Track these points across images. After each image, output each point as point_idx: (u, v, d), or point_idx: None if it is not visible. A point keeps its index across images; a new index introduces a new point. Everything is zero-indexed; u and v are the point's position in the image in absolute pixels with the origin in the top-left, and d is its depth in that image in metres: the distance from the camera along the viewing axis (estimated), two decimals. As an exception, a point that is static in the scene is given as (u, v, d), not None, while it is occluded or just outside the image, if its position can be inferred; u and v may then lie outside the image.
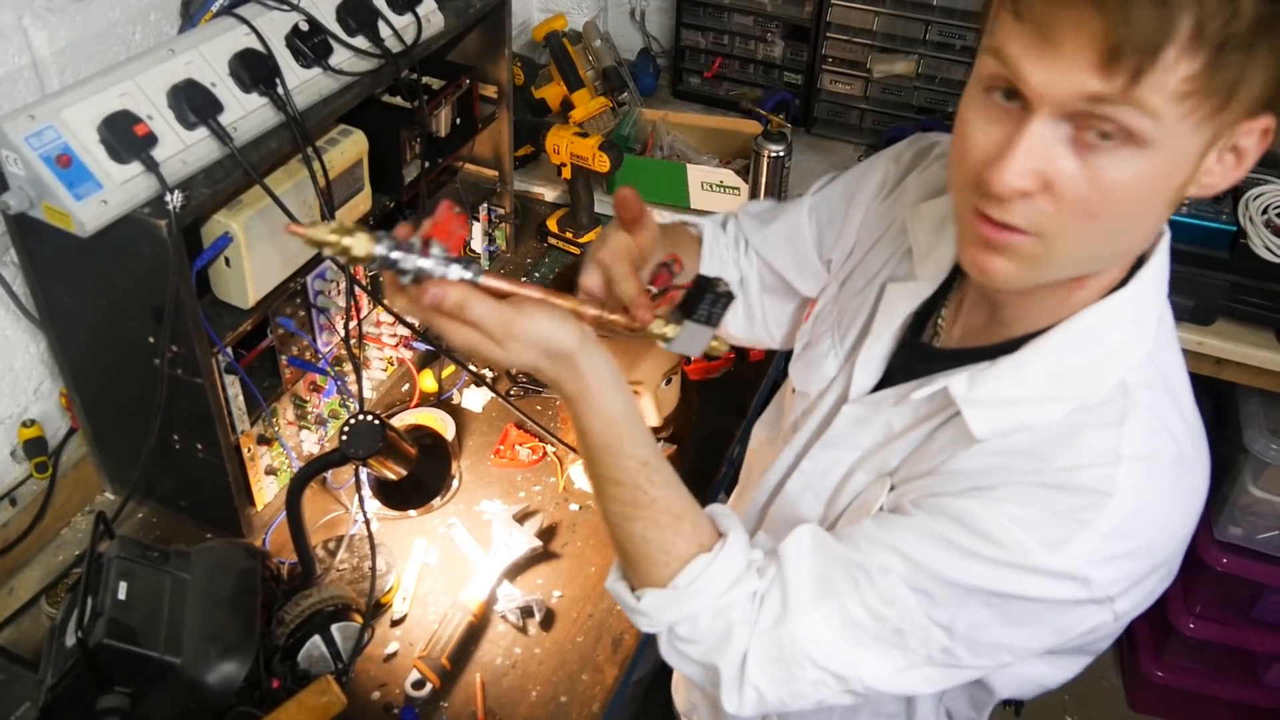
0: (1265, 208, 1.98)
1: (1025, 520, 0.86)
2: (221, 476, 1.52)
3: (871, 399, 1.07)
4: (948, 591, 0.89)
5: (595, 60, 2.45)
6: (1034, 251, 0.82)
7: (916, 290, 1.08)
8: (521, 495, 1.70)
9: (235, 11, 1.41)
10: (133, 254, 1.29)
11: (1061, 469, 0.87)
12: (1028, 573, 0.86)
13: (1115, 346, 0.90)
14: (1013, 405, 0.92)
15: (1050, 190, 0.78)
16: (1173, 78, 0.71)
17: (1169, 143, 0.75)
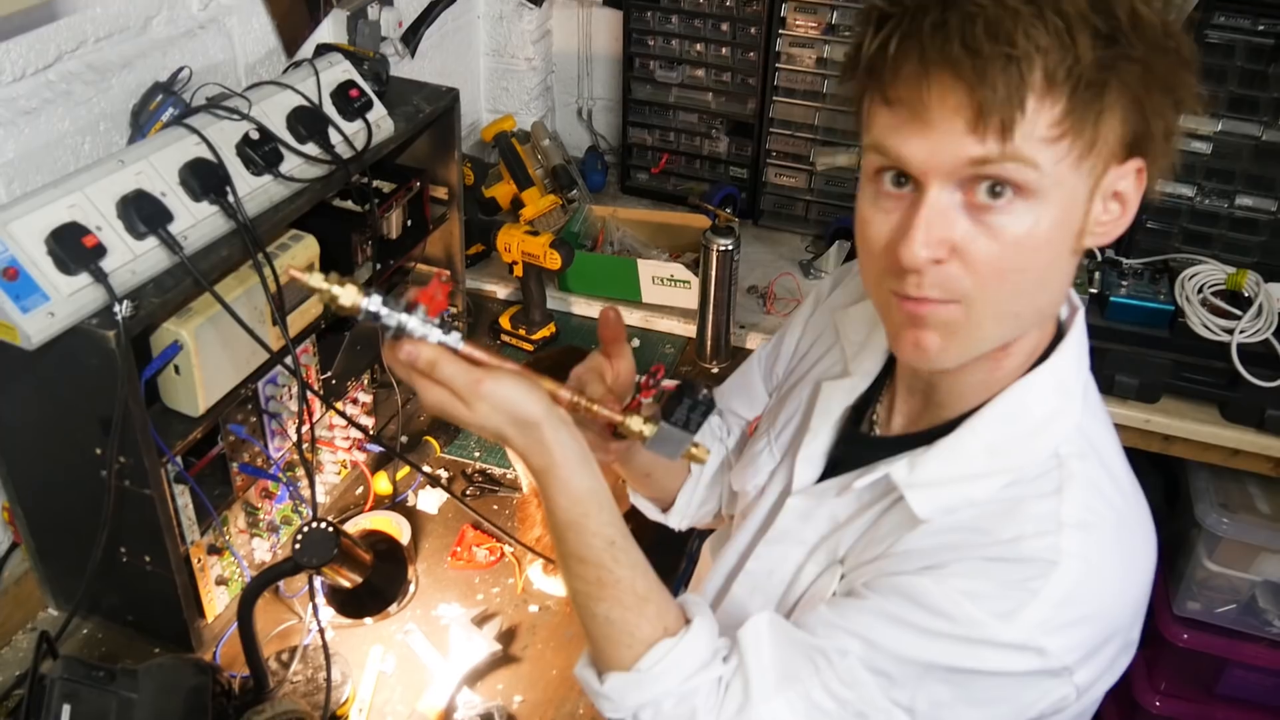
0: (1201, 286, 2.04)
1: (975, 593, 0.86)
2: (170, 589, 1.48)
3: (815, 489, 1.08)
4: (905, 670, 0.89)
5: (544, 159, 2.49)
6: (959, 319, 0.85)
7: (851, 386, 1.11)
8: (480, 598, 1.67)
9: (185, 121, 1.42)
10: (80, 365, 1.27)
11: (1006, 540, 0.88)
12: (982, 646, 0.86)
13: (1044, 418, 0.93)
14: (952, 484, 0.93)
15: (959, 255, 0.81)
16: (1040, 124, 0.77)
17: (1055, 189, 0.80)
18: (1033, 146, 0.77)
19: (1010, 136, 0.76)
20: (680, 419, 0.97)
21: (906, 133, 0.80)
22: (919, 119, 0.79)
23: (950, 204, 0.80)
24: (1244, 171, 2.14)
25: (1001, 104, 0.75)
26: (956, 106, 0.77)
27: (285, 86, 1.56)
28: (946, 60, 0.76)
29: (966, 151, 0.78)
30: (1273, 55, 2.02)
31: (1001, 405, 0.94)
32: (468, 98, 2.47)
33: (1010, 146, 0.77)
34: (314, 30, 1.88)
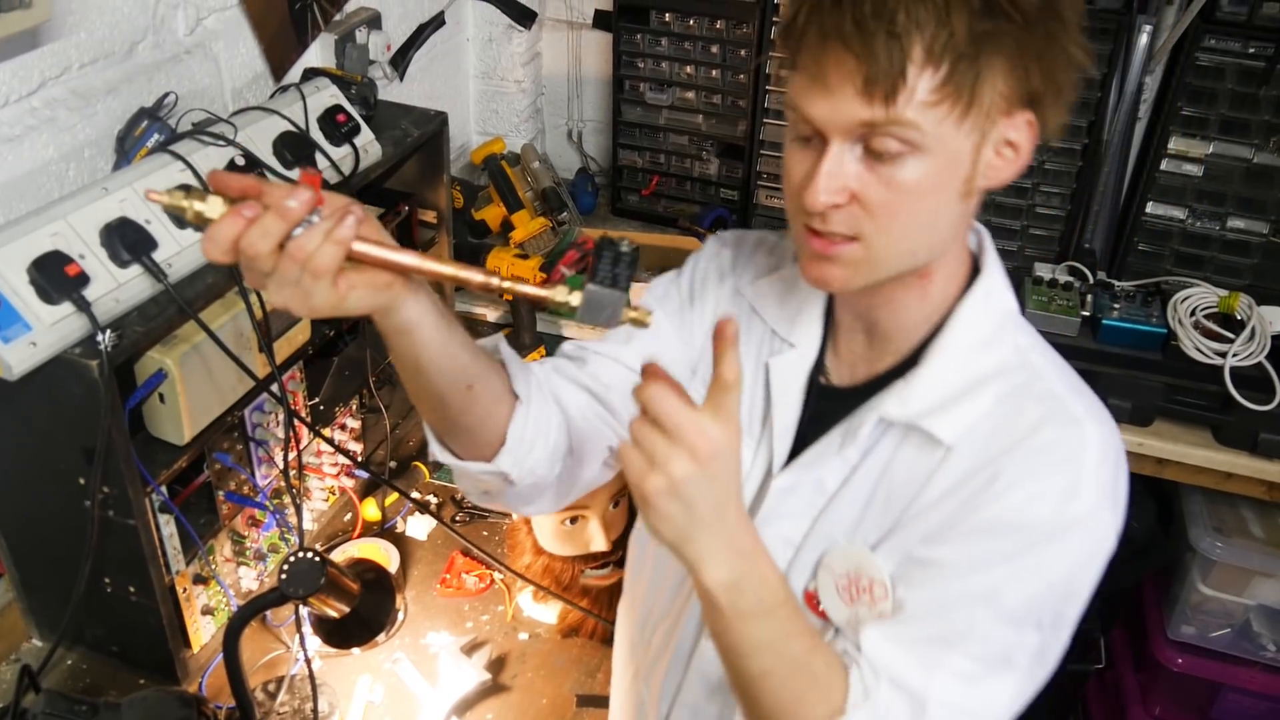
0: (1193, 309, 2.03)
1: (1035, 493, 0.94)
2: (155, 619, 1.46)
3: (804, 459, 1.07)
4: (1024, 602, 0.95)
5: (534, 181, 2.48)
6: (859, 255, 0.95)
7: (801, 356, 1.12)
8: (469, 625, 1.66)
9: (171, 148, 1.41)
10: (63, 395, 1.26)
11: (1029, 433, 0.96)
12: (1068, 533, 0.94)
13: (994, 328, 1.03)
14: (953, 403, 1.00)
15: (857, 200, 0.92)
16: (920, 91, 0.87)
17: (939, 144, 0.89)
18: (915, 110, 0.87)
19: (894, 102, 0.86)
20: (606, 277, 0.87)
21: (811, 95, 0.90)
22: (820, 83, 0.89)
23: (850, 157, 0.91)
24: (1235, 194, 2.14)
25: (885, 75, 0.85)
26: (849, 74, 0.87)
27: (272, 112, 1.55)
28: (840, 34, 0.86)
29: (858, 114, 0.88)
30: (1263, 78, 2.03)
31: (954, 327, 1.03)
32: (457, 120, 2.47)
33: (894, 111, 0.87)
34: (301, 54, 1.87)
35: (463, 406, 1.02)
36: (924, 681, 0.94)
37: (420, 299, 0.90)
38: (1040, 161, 2.23)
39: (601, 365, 1.17)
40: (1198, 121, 2.11)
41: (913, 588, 0.99)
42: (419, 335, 0.92)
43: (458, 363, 0.98)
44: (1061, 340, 2.03)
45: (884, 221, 0.92)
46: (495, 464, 1.05)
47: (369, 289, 0.85)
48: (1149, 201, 2.21)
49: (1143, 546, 2.33)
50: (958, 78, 0.86)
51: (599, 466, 1.18)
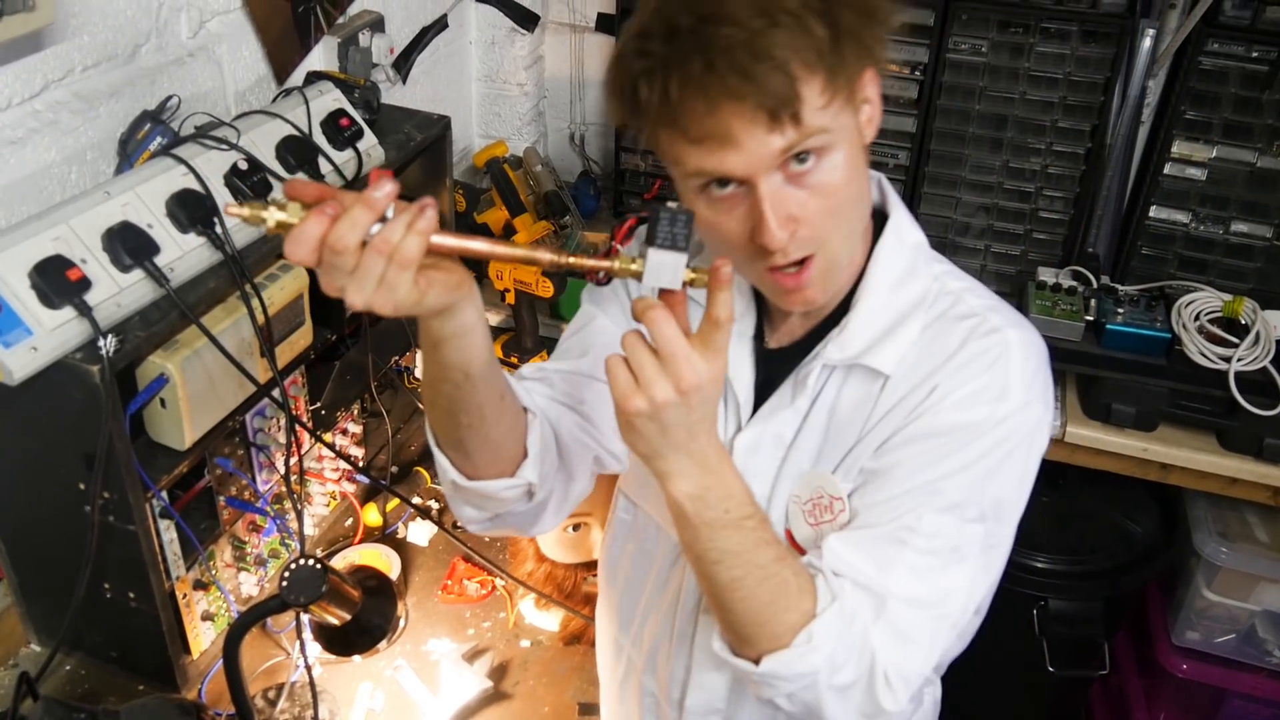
0: (1197, 314, 2.03)
1: (970, 396, 1.03)
2: (155, 625, 1.45)
3: (759, 416, 1.14)
4: (964, 491, 1.02)
5: (536, 185, 2.47)
6: (822, 265, 1.01)
7: (741, 327, 1.17)
8: (470, 633, 1.65)
9: (173, 151, 1.40)
10: (63, 400, 1.25)
11: (957, 348, 1.05)
12: (1003, 424, 1.02)
13: (910, 264, 1.11)
14: (887, 338, 1.08)
15: (802, 220, 0.97)
16: (814, 99, 0.92)
17: (842, 133, 0.96)
18: (817, 117, 0.92)
19: (800, 121, 0.91)
20: (666, 239, 0.89)
21: (721, 155, 0.93)
22: (728, 143, 0.92)
23: (778, 184, 0.95)
24: (1238, 198, 2.14)
25: (785, 103, 0.90)
26: (751, 119, 0.91)
27: (275, 116, 1.55)
28: (729, 92, 0.89)
29: (774, 147, 0.92)
30: (1267, 82, 2.02)
31: (875, 271, 1.09)
32: (459, 123, 2.46)
33: (805, 127, 0.92)
34: (304, 57, 1.87)
35: (496, 418, 1.04)
36: (882, 579, 1.00)
37: (478, 303, 0.94)
38: (1043, 165, 2.22)
39: (570, 382, 1.21)
40: (1201, 125, 2.11)
41: (863, 494, 1.07)
42: (474, 339, 0.95)
43: (496, 371, 1.02)
44: (1066, 345, 2.03)
45: (830, 226, 0.99)
46: (521, 475, 1.09)
47: (444, 287, 0.88)
48: (1152, 205, 2.20)
49: (1147, 552, 2.32)
50: (834, 73, 0.92)
51: (587, 477, 1.22)
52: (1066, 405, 2.09)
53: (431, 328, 0.93)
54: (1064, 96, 2.15)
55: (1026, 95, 2.16)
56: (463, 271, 0.90)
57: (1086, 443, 2.05)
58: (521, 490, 1.10)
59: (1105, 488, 2.33)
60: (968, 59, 2.17)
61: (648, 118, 0.95)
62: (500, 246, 0.89)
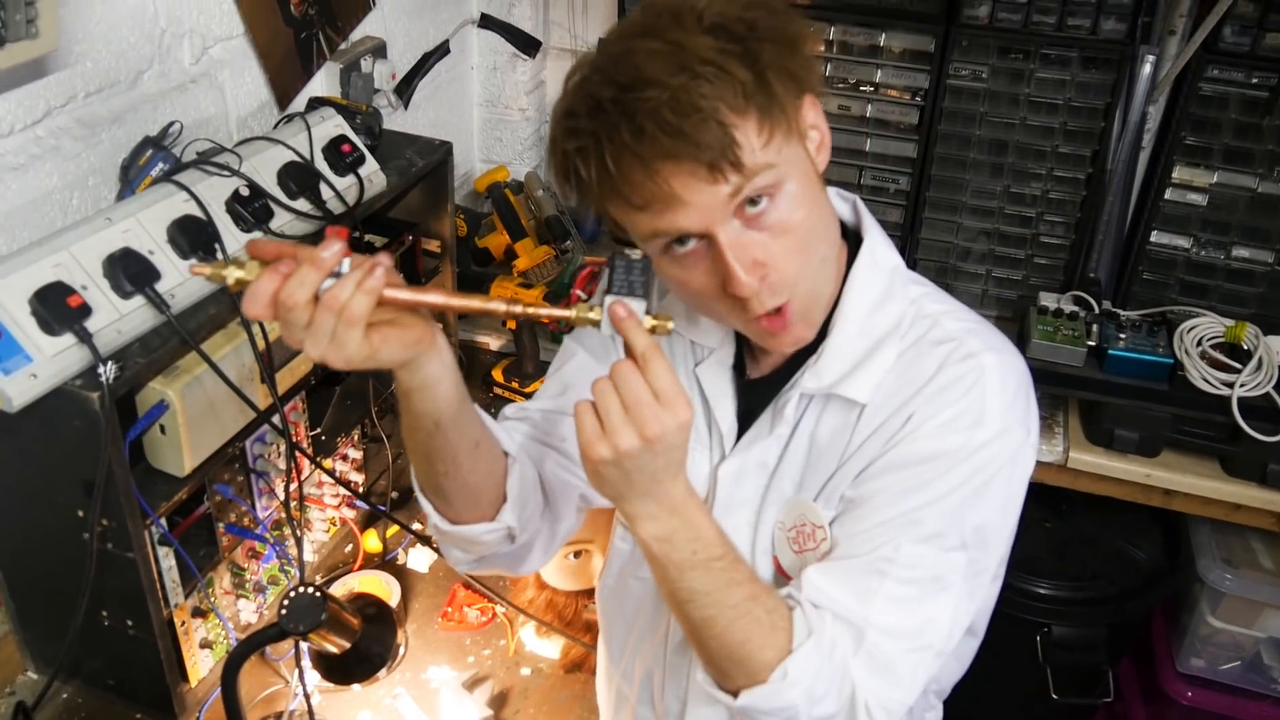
0: (1200, 339, 2.02)
1: (946, 424, 1.02)
2: (153, 653, 1.44)
3: (741, 445, 1.15)
4: (943, 520, 1.01)
5: (538, 209, 2.47)
6: (800, 303, 1.01)
7: (720, 357, 1.18)
8: (471, 660, 1.64)
9: (175, 178, 1.40)
10: (63, 427, 1.25)
11: (933, 374, 1.04)
12: (979, 452, 1.01)
13: (885, 289, 1.10)
14: (862, 367, 1.07)
15: (768, 264, 0.96)
16: (752, 143, 0.92)
17: (788, 165, 0.96)
18: (759, 156, 0.92)
19: (742, 167, 0.91)
20: (623, 286, 0.90)
21: (671, 215, 0.93)
22: (673, 203, 0.92)
23: (737, 232, 0.95)
24: (1240, 223, 2.14)
25: (722, 152, 0.90)
26: (692, 177, 0.91)
27: (277, 142, 1.55)
28: (663, 153, 0.89)
29: (722, 196, 0.92)
30: (1267, 108, 2.03)
31: (850, 297, 1.08)
32: (461, 148, 2.47)
33: (748, 169, 0.92)
34: (307, 83, 1.87)
35: (472, 464, 1.05)
36: (863, 611, 0.99)
37: (443, 355, 0.94)
38: (1044, 190, 2.23)
39: (552, 421, 1.21)
40: (1201, 151, 2.11)
41: (843, 524, 1.06)
42: (441, 390, 0.96)
43: (469, 419, 1.02)
44: (1068, 370, 2.02)
45: (799, 264, 0.98)
46: (501, 520, 1.09)
47: (400, 343, 0.89)
48: (1153, 230, 2.20)
49: (1151, 578, 2.31)
50: (766, 109, 0.92)
51: (574, 515, 1.22)
52: (1069, 430, 2.08)
53: (399, 379, 0.95)
54: (1064, 122, 2.15)
55: (1027, 121, 2.17)
56: (423, 326, 0.91)
57: (1089, 468, 2.04)
58: (502, 533, 1.10)
59: (1108, 514, 2.32)
60: (968, 85, 2.17)
61: (592, 194, 0.96)
62: (455, 299, 0.91)
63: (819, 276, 1.04)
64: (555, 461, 1.19)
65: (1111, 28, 2.08)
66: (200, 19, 1.61)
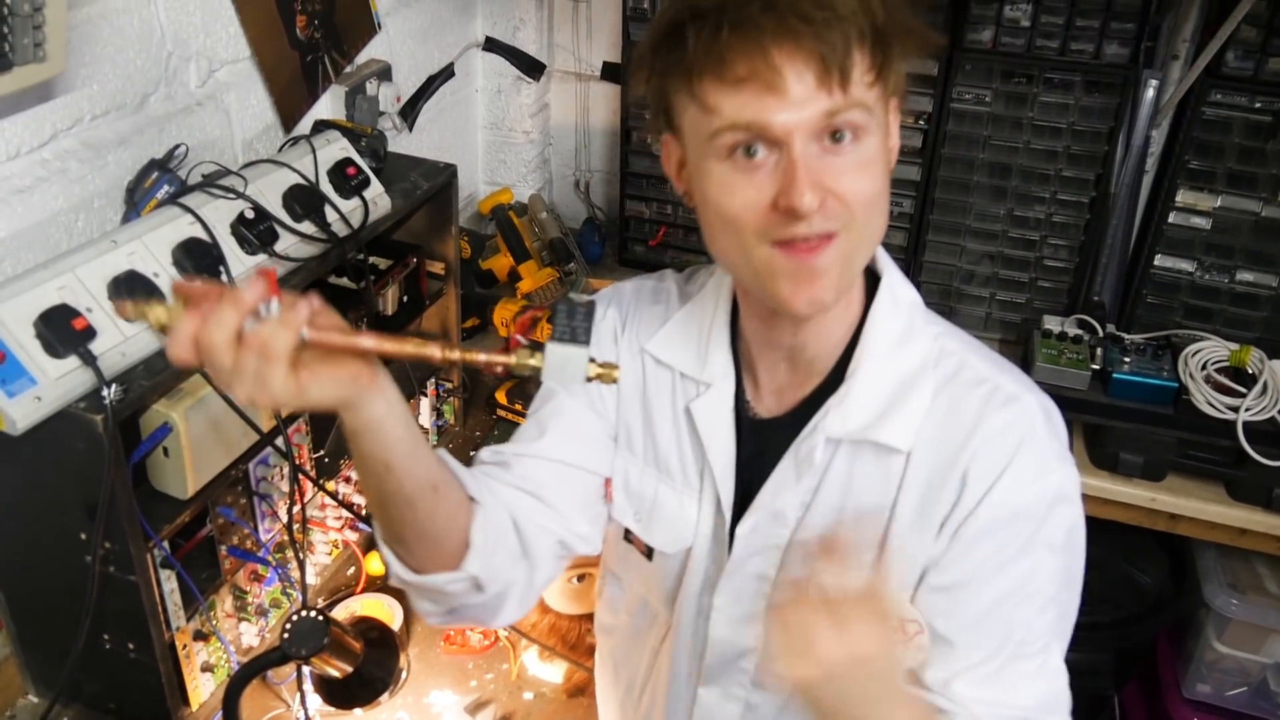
0: (1204, 363, 2.02)
1: (1015, 477, 1.00)
2: (154, 677, 1.43)
3: (759, 502, 1.09)
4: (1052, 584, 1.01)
5: (541, 231, 2.48)
6: (839, 253, 0.94)
7: (719, 394, 1.12)
8: (473, 684, 1.63)
9: (180, 200, 1.41)
10: (66, 449, 1.25)
11: (975, 423, 1.01)
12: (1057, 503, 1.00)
13: (906, 325, 1.07)
14: (895, 409, 1.03)
15: (833, 194, 0.92)
16: (861, 74, 0.91)
17: (876, 125, 0.94)
18: (862, 91, 0.91)
19: (849, 85, 0.89)
20: (565, 332, 0.84)
21: (764, 103, 0.89)
22: (773, 88, 0.89)
23: (815, 154, 0.91)
24: (1243, 247, 2.14)
25: (841, 56, 0.88)
26: (804, 67, 0.88)
27: (282, 164, 1.55)
28: (787, 31, 0.87)
29: (819, 106, 0.89)
30: (1270, 132, 2.03)
31: (871, 333, 1.05)
32: (465, 170, 2.48)
33: (850, 95, 0.90)
34: (312, 106, 1.88)
35: (429, 510, 0.99)
36: (1016, 699, 1.00)
37: (388, 395, 0.90)
38: (1048, 214, 2.23)
39: (528, 466, 1.15)
40: (1205, 175, 2.11)
41: (953, 617, 1.02)
42: (386, 432, 0.90)
43: (424, 462, 0.96)
44: (1072, 394, 2.02)
45: (860, 209, 0.94)
46: (464, 569, 1.03)
47: (331, 381, 0.84)
48: (1157, 254, 2.20)
49: (1156, 603, 2.30)
50: (880, 56, 0.91)
51: (553, 563, 1.15)
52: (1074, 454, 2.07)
53: (343, 420, 0.90)
54: (1068, 146, 2.16)
55: (1030, 144, 2.18)
56: (359, 364, 0.86)
57: (1094, 492, 2.03)
58: (467, 584, 1.04)
59: (1113, 538, 2.31)
60: (971, 108, 2.18)
61: (690, 63, 0.91)
62: (388, 343, 0.85)
63: (865, 247, 0.99)
64: (531, 507, 1.12)
65: (1114, 52, 2.09)
66: (206, 42, 1.62)
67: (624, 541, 1.22)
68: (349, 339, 0.84)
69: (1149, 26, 2.09)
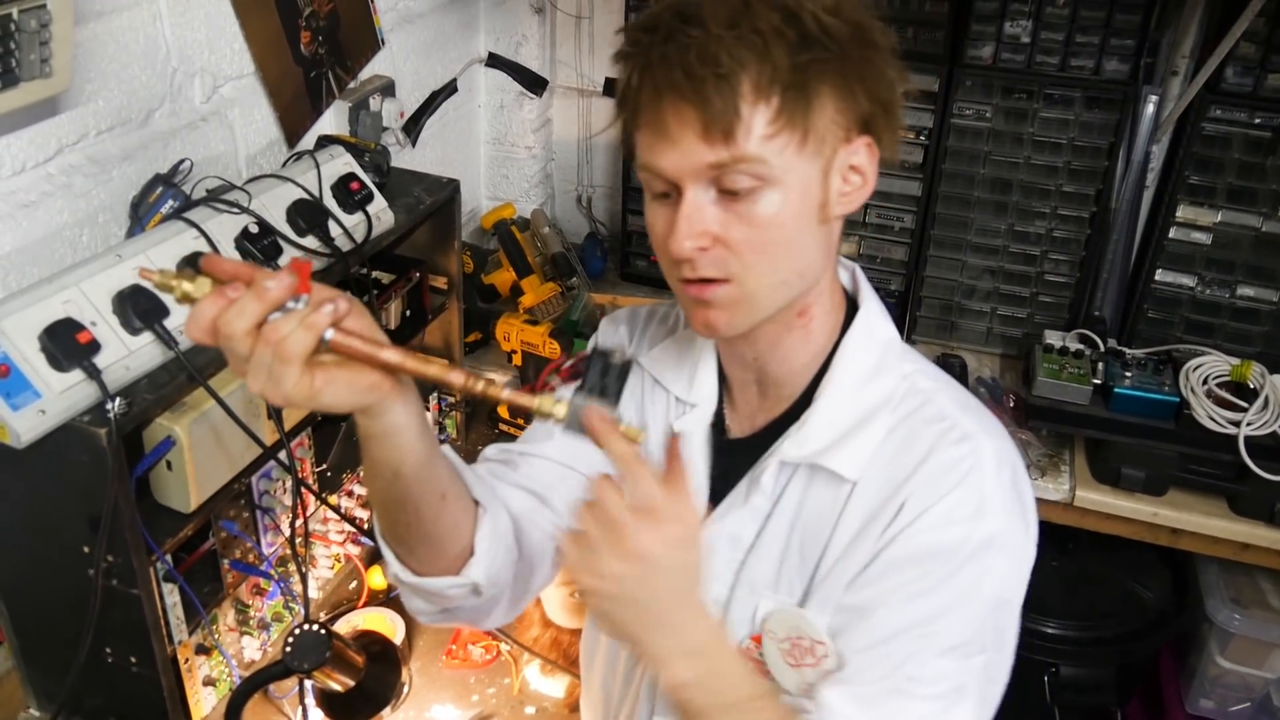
0: (1205, 378, 2.02)
1: (945, 515, 0.97)
2: (156, 691, 1.43)
3: (713, 516, 1.09)
4: (964, 630, 0.96)
5: (543, 246, 2.49)
6: (734, 295, 0.97)
7: (701, 414, 1.14)
8: (475, 699, 1.63)
9: (185, 215, 1.41)
10: (70, 463, 1.25)
11: (925, 457, 0.99)
12: (987, 548, 0.96)
13: (877, 361, 1.07)
14: (849, 440, 1.02)
15: (721, 241, 0.94)
16: (757, 126, 0.91)
17: (787, 174, 0.93)
18: (756, 145, 0.91)
19: (734, 140, 0.90)
20: (594, 386, 0.83)
21: (658, 149, 0.93)
22: (664, 137, 0.93)
23: (705, 201, 0.94)
24: (1244, 262, 2.15)
25: (720, 114, 0.89)
26: (688, 122, 0.91)
27: (286, 179, 1.56)
28: (673, 85, 0.90)
29: (703, 159, 0.91)
30: (1270, 148, 2.04)
31: (839, 364, 1.06)
32: (468, 185, 2.48)
33: (737, 149, 0.90)
34: (316, 121, 1.89)
35: (435, 516, 0.99)
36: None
37: (406, 405, 0.88)
38: (1049, 229, 2.24)
39: (533, 466, 1.16)
40: (1205, 190, 2.12)
41: (851, 637, 0.99)
42: (401, 441, 0.89)
43: (435, 470, 0.96)
44: (1074, 408, 2.02)
45: (750, 258, 0.95)
46: (466, 575, 1.03)
47: (348, 386, 0.82)
48: (1158, 269, 2.21)
49: (1159, 618, 2.30)
50: (789, 108, 0.91)
51: (549, 568, 1.16)
52: (1075, 469, 2.07)
53: (357, 423, 0.89)
54: (1068, 161, 2.17)
55: (1031, 160, 2.18)
56: (380, 374, 0.84)
57: (1096, 507, 2.03)
58: (467, 589, 1.04)
59: (1115, 553, 2.31)
60: (972, 124, 2.19)
61: (619, 104, 0.98)
62: (411, 361, 0.83)
63: (769, 291, 0.99)
64: (534, 508, 1.13)
65: (1114, 68, 2.10)
66: (211, 58, 1.63)
67: None
68: (372, 350, 0.82)
69: (1149, 43, 2.10)
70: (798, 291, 1.02)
